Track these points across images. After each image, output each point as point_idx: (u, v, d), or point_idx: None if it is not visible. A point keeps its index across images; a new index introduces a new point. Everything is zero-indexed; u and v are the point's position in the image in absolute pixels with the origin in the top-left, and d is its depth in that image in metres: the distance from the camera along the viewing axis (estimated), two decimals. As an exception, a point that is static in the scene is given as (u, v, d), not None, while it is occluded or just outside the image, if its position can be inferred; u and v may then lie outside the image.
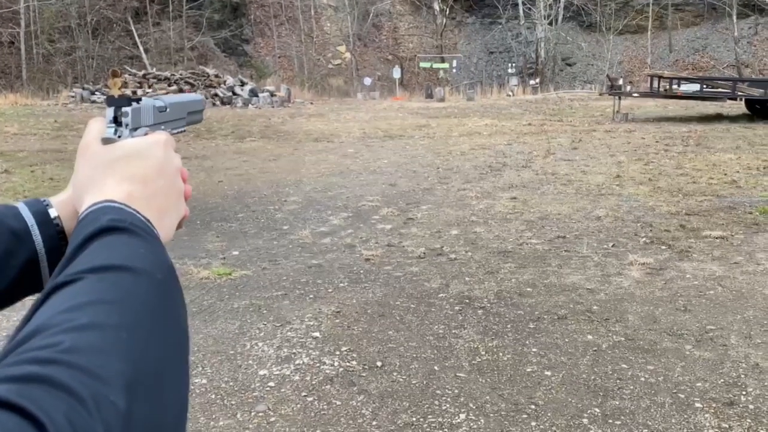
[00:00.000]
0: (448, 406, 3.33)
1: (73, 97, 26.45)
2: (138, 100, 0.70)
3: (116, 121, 0.68)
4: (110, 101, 0.69)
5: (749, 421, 3.16)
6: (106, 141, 0.66)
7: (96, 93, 27.08)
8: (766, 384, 3.52)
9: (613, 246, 6.13)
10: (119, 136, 0.67)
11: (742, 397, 3.39)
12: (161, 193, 0.65)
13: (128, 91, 25.84)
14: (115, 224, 0.56)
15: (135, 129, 0.69)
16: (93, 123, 0.69)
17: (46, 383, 0.41)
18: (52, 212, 0.68)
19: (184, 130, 0.82)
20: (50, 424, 0.39)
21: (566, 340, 4.10)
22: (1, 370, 0.42)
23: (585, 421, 3.18)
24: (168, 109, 0.76)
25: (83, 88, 27.86)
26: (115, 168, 0.64)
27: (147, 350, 0.48)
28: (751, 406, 3.30)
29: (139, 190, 0.63)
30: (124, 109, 0.68)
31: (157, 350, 0.50)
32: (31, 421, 0.39)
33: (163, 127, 0.74)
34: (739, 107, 19.49)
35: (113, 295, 0.50)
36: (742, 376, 3.62)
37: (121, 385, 0.44)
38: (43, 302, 0.49)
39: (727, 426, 3.12)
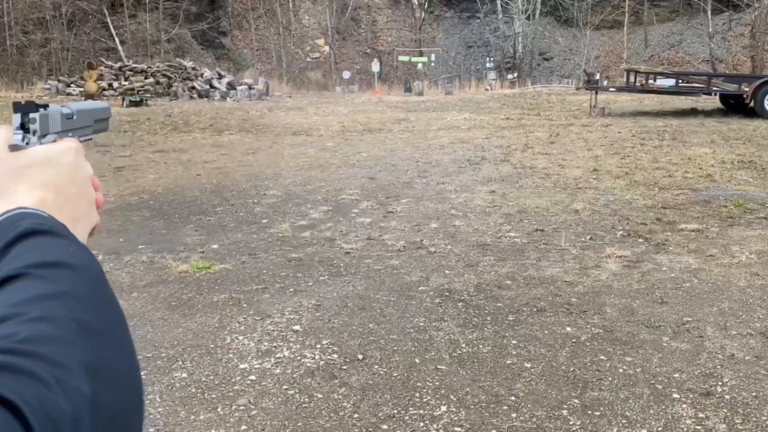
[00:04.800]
0: (429, 398, 3.34)
1: (48, 89, 26.13)
2: (45, 107, 0.68)
3: (23, 127, 0.65)
4: (17, 107, 0.66)
5: (725, 411, 3.21)
6: (14, 148, 0.63)
7: (71, 85, 26.77)
8: (741, 374, 3.57)
9: (590, 239, 6.18)
10: (27, 143, 0.64)
11: (718, 387, 3.44)
12: (73, 201, 0.64)
13: (104, 84, 25.58)
14: (37, 227, 0.55)
15: (43, 136, 0.66)
16: None
17: (8, 370, 0.41)
18: None
19: (91, 139, 0.80)
20: (24, 404, 0.39)
21: (545, 332, 4.13)
22: None
23: (564, 412, 3.21)
24: (75, 117, 0.74)
25: (58, 81, 27.54)
26: (26, 175, 0.61)
27: (98, 340, 0.49)
28: (727, 396, 3.35)
29: (51, 197, 0.61)
30: (31, 115, 0.65)
31: (107, 341, 0.50)
32: (3, 404, 0.39)
33: (70, 134, 0.72)
34: (713, 102, 19.73)
35: (57, 289, 0.50)
36: (719, 366, 3.67)
37: (82, 371, 0.44)
38: None
39: (704, 416, 3.17)
